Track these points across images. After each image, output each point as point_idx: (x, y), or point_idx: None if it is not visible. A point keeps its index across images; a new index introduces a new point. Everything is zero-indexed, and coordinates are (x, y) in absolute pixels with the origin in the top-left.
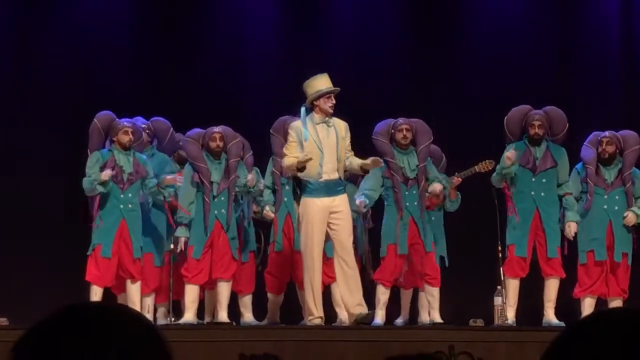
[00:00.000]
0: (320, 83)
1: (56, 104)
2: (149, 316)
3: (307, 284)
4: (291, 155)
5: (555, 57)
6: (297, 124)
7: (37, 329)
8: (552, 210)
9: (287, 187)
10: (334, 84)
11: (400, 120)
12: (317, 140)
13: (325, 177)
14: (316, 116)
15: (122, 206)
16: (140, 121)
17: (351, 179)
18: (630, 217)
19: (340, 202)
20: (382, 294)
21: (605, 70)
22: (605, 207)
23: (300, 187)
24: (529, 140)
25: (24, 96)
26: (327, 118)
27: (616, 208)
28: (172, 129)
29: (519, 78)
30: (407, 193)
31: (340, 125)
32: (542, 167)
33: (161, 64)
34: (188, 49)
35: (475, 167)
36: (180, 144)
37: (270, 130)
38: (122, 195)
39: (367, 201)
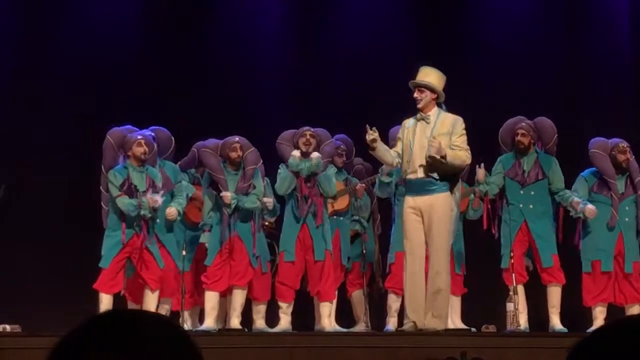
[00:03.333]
0: None
1: (62, 111)
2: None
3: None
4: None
5: (564, 61)
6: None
7: (69, 339)
8: (541, 222)
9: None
10: (350, 85)
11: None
12: (409, 137)
13: (411, 175)
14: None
15: (134, 222)
16: (145, 132)
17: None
18: None
19: (427, 202)
20: (394, 302)
21: (615, 72)
22: (617, 217)
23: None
24: (516, 151)
25: (29, 101)
26: (421, 113)
27: (626, 219)
28: (173, 138)
29: (526, 81)
30: None
31: (445, 122)
32: (531, 179)
33: (168, 74)
34: (195, 59)
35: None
36: (199, 155)
37: (278, 141)
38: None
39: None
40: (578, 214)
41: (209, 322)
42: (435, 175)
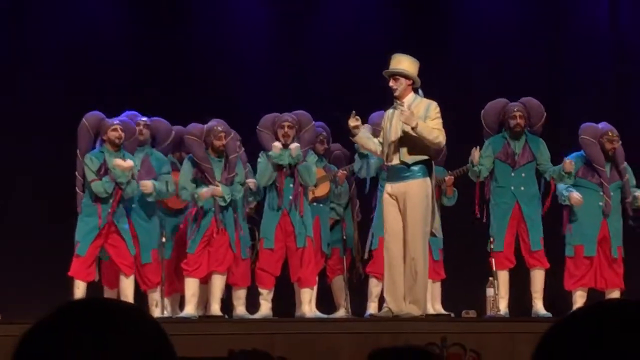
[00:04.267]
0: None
1: (45, 102)
2: (157, 310)
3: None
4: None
5: (546, 55)
6: None
7: (38, 328)
8: (532, 203)
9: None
10: (329, 80)
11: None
12: (387, 125)
13: (388, 162)
14: None
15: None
16: (139, 117)
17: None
18: None
19: (402, 188)
20: (375, 287)
21: (596, 65)
22: (601, 203)
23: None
24: (509, 133)
25: (12, 94)
26: (396, 101)
27: (612, 205)
28: (173, 131)
29: (510, 75)
30: None
31: (419, 107)
32: (521, 161)
33: (154, 59)
34: (177, 45)
35: (465, 167)
36: (184, 143)
37: (258, 128)
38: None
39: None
40: (564, 202)
41: (189, 309)
42: (408, 160)
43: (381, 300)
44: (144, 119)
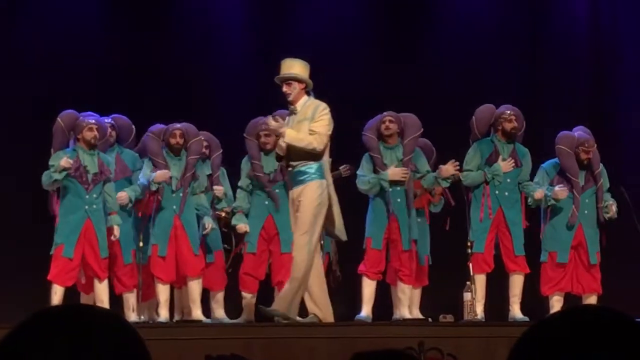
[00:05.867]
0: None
1: (20, 101)
2: (134, 314)
3: None
4: None
5: (524, 56)
6: None
7: (14, 336)
8: (515, 209)
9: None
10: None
11: (386, 112)
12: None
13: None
14: None
15: (87, 206)
16: (103, 119)
17: None
18: (613, 209)
19: (298, 192)
20: (367, 287)
21: (574, 69)
22: (577, 212)
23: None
24: (500, 137)
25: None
26: (291, 107)
27: (586, 212)
28: (133, 126)
29: (489, 76)
30: (390, 189)
31: (308, 108)
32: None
33: (132, 62)
34: (159, 48)
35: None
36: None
37: (244, 134)
38: (87, 196)
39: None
40: (550, 202)
41: (164, 314)
42: (292, 163)
43: (376, 301)
44: (108, 119)
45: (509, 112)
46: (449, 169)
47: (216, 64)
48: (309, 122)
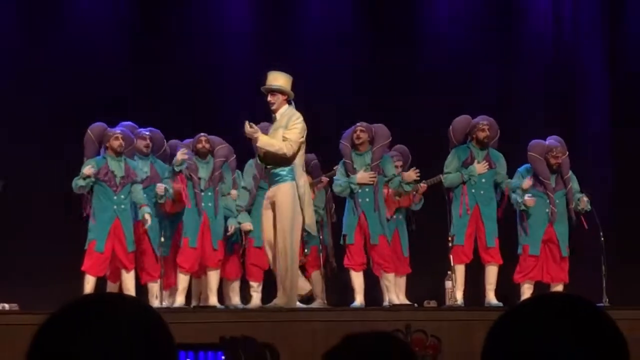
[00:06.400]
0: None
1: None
2: (157, 301)
3: None
4: None
5: (498, 66)
6: None
7: (49, 325)
8: (489, 207)
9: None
10: (300, 88)
11: (359, 123)
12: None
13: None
14: None
15: (115, 206)
16: (140, 130)
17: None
18: (585, 200)
19: (274, 191)
20: (355, 278)
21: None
22: (547, 210)
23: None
24: (476, 145)
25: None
26: (274, 115)
27: (556, 211)
28: (165, 139)
29: (466, 85)
30: (360, 191)
31: (285, 116)
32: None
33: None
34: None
35: (437, 177)
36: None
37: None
38: (115, 197)
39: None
40: (520, 207)
41: (180, 300)
42: (270, 166)
43: (366, 291)
44: (145, 131)
45: (483, 122)
46: (411, 175)
47: (222, 65)
48: (283, 130)
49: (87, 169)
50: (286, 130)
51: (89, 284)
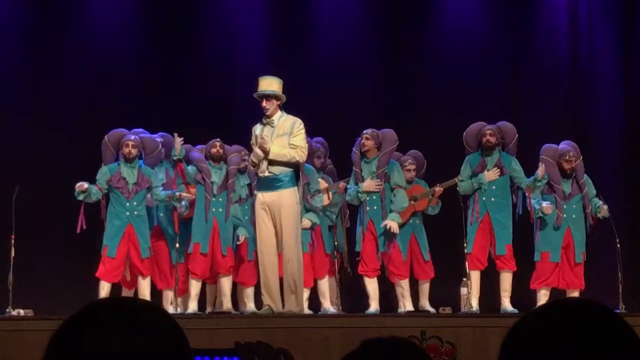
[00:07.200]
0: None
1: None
2: (172, 307)
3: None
4: None
5: (509, 65)
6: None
7: (65, 329)
8: (501, 214)
9: None
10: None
11: (365, 130)
12: (258, 140)
13: (260, 174)
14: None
15: (128, 213)
16: (153, 136)
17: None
18: (605, 208)
19: (273, 197)
20: (369, 284)
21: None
22: (565, 216)
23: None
24: (483, 150)
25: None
26: (267, 119)
27: (574, 216)
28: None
29: (475, 86)
30: (367, 198)
31: (285, 124)
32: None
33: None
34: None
35: (454, 180)
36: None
37: None
38: (127, 203)
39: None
40: (538, 215)
41: (192, 306)
42: (275, 171)
43: (381, 297)
44: (157, 137)
45: (488, 128)
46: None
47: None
48: (288, 137)
49: (79, 185)
50: (293, 138)
51: (103, 290)
